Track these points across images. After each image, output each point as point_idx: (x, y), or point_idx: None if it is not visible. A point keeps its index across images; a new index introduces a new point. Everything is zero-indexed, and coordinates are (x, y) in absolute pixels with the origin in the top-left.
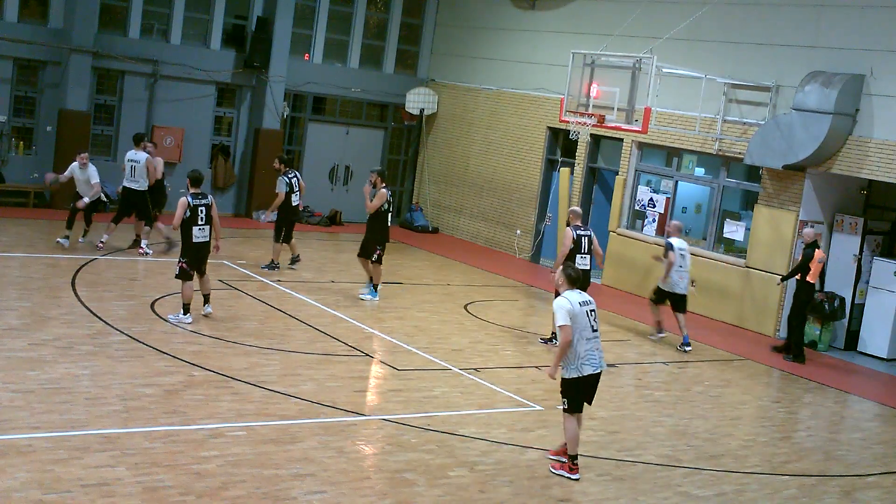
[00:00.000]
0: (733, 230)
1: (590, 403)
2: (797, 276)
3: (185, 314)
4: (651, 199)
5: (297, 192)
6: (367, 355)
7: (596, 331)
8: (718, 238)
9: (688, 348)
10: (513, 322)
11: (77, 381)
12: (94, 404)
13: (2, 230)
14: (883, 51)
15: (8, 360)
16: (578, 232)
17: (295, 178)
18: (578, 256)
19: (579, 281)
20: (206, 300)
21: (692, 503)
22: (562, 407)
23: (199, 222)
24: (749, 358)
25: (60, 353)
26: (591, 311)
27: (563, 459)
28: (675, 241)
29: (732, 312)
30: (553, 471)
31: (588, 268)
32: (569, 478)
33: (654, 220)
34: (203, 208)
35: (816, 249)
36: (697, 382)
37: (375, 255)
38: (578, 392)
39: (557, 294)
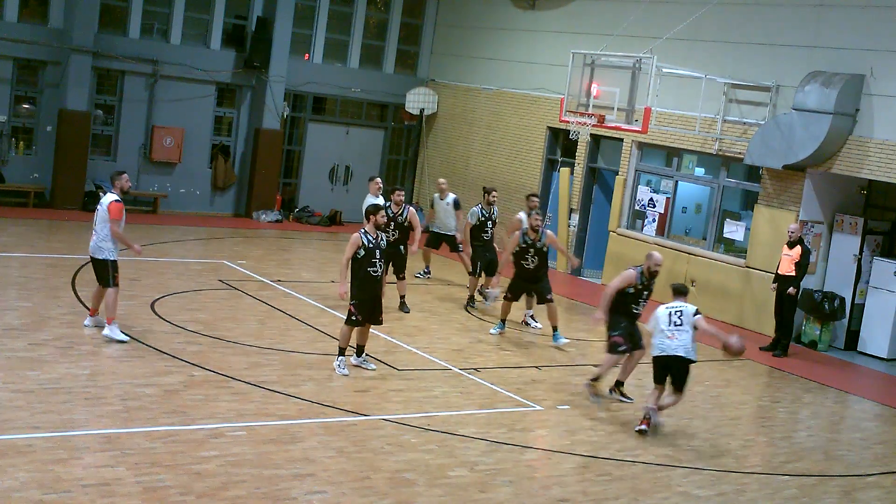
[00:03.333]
0: (733, 230)
1: (674, 385)
2: (784, 273)
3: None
4: (651, 199)
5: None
6: (368, 355)
7: (677, 326)
8: (718, 238)
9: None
10: (513, 322)
11: (77, 381)
12: (94, 404)
13: (2, 230)
14: (883, 51)
15: (8, 360)
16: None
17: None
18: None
19: (680, 293)
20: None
21: (692, 503)
22: None
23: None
24: (749, 358)
25: (60, 353)
26: (676, 311)
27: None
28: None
29: (732, 312)
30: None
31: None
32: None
33: (654, 220)
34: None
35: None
36: (697, 382)
37: None
38: (654, 367)
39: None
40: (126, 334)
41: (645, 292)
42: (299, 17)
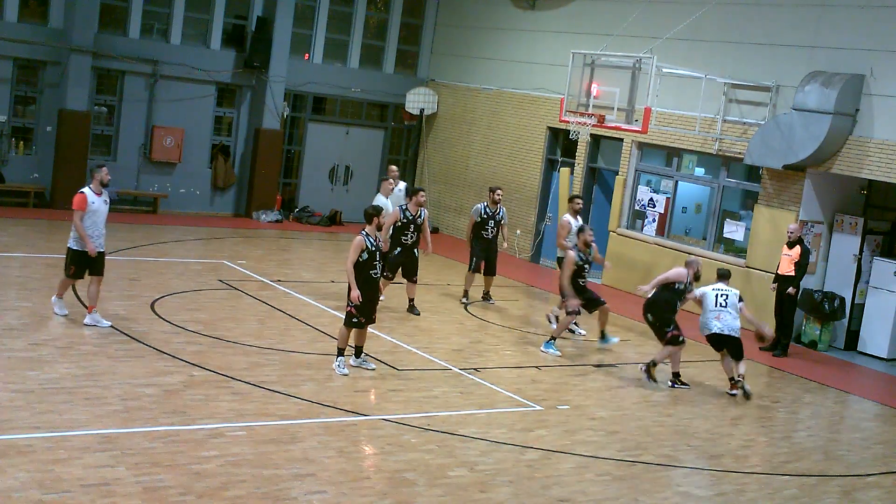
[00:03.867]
0: (733, 230)
1: (733, 356)
2: (784, 272)
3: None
4: (651, 199)
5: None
6: (368, 355)
7: (723, 307)
8: (718, 238)
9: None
10: (513, 322)
11: (77, 381)
12: (94, 404)
13: (2, 230)
14: (883, 51)
15: (8, 360)
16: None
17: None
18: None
19: (724, 276)
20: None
21: (692, 503)
22: None
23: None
24: (749, 358)
25: (60, 353)
26: (722, 294)
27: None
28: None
29: None
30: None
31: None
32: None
33: (654, 220)
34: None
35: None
36: (698, 383)
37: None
38: (710, 343)
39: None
40: (113, 326)
41: (685, 294)
42: (299, 17)
